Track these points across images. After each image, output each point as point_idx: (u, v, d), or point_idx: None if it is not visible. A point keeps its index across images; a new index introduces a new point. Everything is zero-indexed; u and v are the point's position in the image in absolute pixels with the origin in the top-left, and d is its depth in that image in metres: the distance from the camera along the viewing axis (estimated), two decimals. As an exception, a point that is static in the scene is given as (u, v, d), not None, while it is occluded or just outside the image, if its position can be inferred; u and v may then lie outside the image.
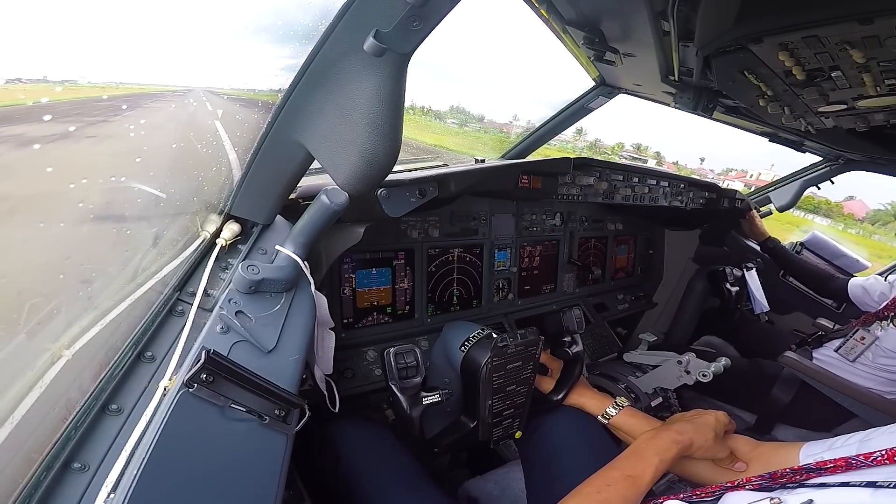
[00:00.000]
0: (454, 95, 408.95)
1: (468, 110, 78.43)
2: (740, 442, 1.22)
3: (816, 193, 3.51)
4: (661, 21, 1.31)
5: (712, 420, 1.20)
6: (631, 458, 1.08)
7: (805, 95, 1.44)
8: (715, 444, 1.15)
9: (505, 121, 26.71)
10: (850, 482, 0.63)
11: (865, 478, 0.62)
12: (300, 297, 1.02)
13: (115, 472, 0.72)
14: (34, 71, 0.77)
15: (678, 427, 1.16)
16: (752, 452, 1.18)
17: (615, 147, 76.47)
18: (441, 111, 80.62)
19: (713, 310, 2.96)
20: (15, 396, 0.75)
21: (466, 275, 2.14)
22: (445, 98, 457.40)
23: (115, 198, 0.94)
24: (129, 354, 0.85)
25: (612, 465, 1.07)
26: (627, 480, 0.99)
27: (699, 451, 1.13)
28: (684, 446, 1.10)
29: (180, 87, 1.16)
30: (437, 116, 61.44)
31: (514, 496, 1.55)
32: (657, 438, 1.12)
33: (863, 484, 0.61)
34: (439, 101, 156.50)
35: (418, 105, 56.85)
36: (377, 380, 1.75)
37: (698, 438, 1.13)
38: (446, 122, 57.83)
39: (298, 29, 0.86)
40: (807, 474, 0.72)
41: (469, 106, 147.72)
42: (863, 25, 0.99)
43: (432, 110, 69.05)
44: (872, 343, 2.16)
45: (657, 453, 1.07)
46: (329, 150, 0.90)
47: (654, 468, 1.03)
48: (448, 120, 59.49)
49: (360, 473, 1.26)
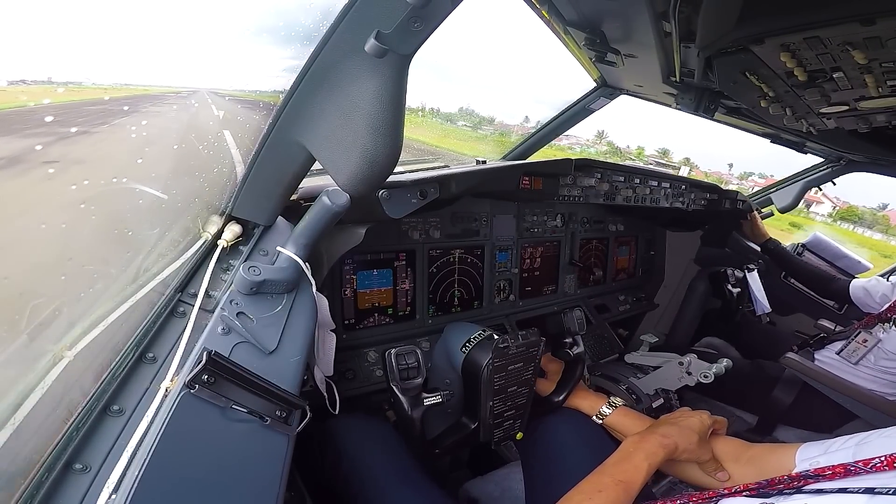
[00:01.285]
0: (461, 97, 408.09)
1: (478, 112, 77.72)
2: (733, 444, 1.22)
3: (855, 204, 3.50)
4: (663, 22, 1.31)
5: (696, 423, 1.21)
6: (621, 463, 1.09)
7: (807, 96, 1.44)
8: (699, 447, 1.16)
9: (515, 122, 25.96)
10: (848, 488, 0.63)
11: (863, 484, 0.62)
12: (301, 298, 1.02)
13: (117, 473, 0.72)
14: (36, 73, 0.77)
15: (663, 430, 1.17)
16: (745, 454, 1.18)
17: (637, 152, 74.62)
18: (451, 113, 79.43)
19: (714, 311, 2.96)
20: (17, 397, 0.75)
21: (467, 276, 2.14)
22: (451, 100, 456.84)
23: (116, 199, 0.94)
24: (130, 355, 0.85)
25: (602, 471, 1.07)
26: (619, 486, 1.00)
27: (683, 455, 1.14)
28: (670, 450, 1.12)
29: (182, 88, 1.16)
30: (448, 119, 60.89)
31: (514, 497, 1.55)
32: (644, 442, 1.13)
33: (860, 490, 0.60)
34: (447, 103, 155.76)
35: (428, 107, 56.33)
36: (378, 381, 1.75)
37: (682, 442, 1.14)
38: (458, 124, 57.41)
39: (300, 30, 0.86)
40: (804, 480, 0.71)
41: (477, 108, 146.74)
42: (864, 26, 0.99)
43: (441, 112, 68.40)
44: (875, 345, 2.16)
45: (646, 458, 1.08)
46: (330, 151, 0.90)
47: (645, 473, 1.04)
48: (459, 122, 59.01)
49: (362, 472, 1.26)
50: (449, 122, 56.13)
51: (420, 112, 36.21)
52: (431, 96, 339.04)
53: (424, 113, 44.16)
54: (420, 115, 33.33)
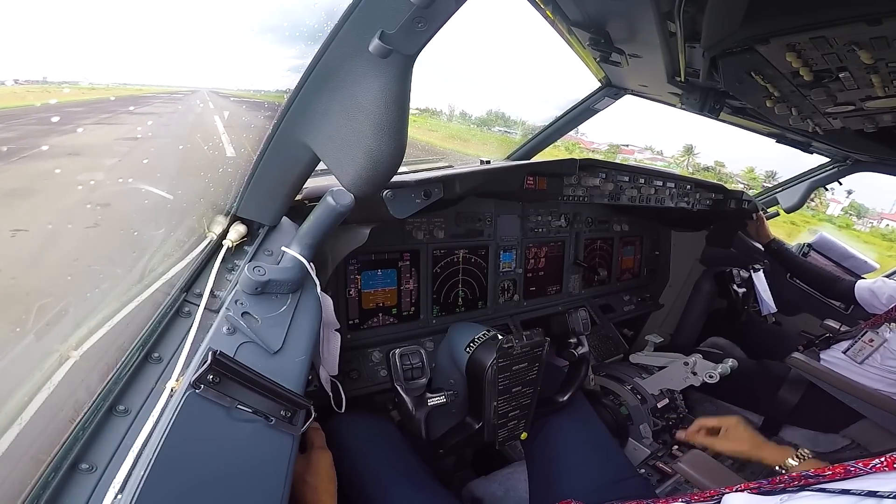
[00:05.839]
0: (488, 100, 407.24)
1: (507, 115, 75.12)
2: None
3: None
4: (668, 22, 1.30)
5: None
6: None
7: (812, 96, 1.43)
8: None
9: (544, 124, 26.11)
10: (851, 490, 0.63)
11: (866, 486, 0.62)
12: (306, 298, 1.02)
13: (123, 472, 0.72)
14: (40, 73, 0.78)
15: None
16: None
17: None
18: (483, 117, 76.73)
19: (720, 311, 2.95)
20: (23, 397, 0.76)
21: (472, 276, 2.14)
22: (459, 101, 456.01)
23: (122, 199, 0.95)
24: (136, 355, 0.86)
25: None
26: None
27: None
28: None
29: (187, 88, 1.17)
30: (484, 124, 59.29)
31: (518, 497, 1.55)
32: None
33: (863, 492, 0.60)
34: (475, 106, 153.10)
35: (457, 111, 55.12)
36: (383, 381, 1.76)
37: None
38: (493, 129, 55.97)
39: (304, 30, 0.86)
40: (804, 480, 0.71)
41: (505, 110, 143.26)
42: (871, 26, 0.99)
43: (474, 118, 66.39)
44: (881, 345, 2.15)
45: None
46: (335, 151, 0.90)
47: None
48: (495, 128, 57.46)
49: (365, 471, 1.26)
50: (484, 128, 54.83)
51: (443, 115, 35.61)
52: (458, 100, 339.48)
53: (453, 117, 43.34)
54: (443, 119, 32.77)
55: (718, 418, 1.57)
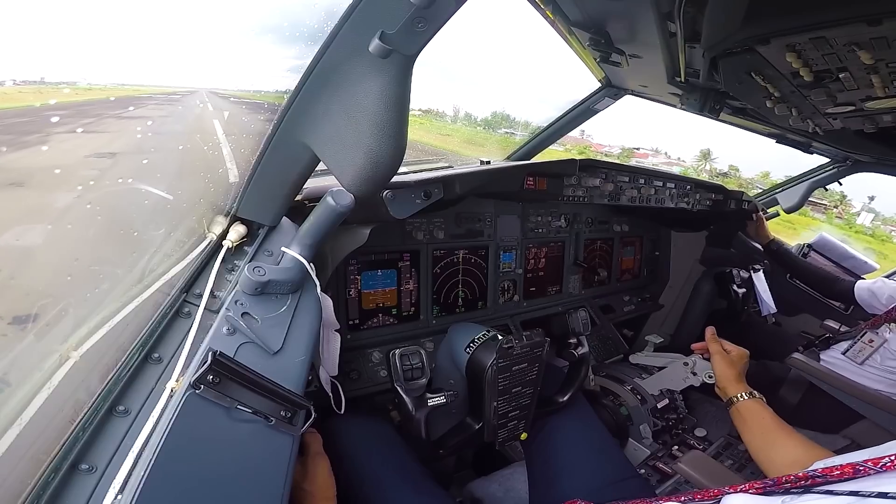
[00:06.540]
0: (491, 101, 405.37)
1: (512, 116, 73.63)
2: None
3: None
4: (668, 22, 1.30)
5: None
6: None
7: (813, 97, 1.43)
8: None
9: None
10: (860, 491, 0.62)
11: (877, 488, 0.60)
12: (306, 298, 1.02)
13: (123, 473, 0.72)
14: (41, 74, 0.78)
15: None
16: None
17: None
18: (489, 119, 75.28)
19: (720, 311, 2.95)
20: (24, 398, 0.76)
21: (472, 276, 2.14)
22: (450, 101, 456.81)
23: (122, 200, 0.95)
24: (136, 356, 0.86)
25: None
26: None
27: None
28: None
29: (187, 88, 1.16)
30: (489, 125, 58.23)
31: (517, 497, 1.55)
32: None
33: (874, 494, 0.59)
34: (478, 108, 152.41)
35: (461, 113, 54.37)
36: (383, 381, 1.76)
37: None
38: (499, 131, 55.09)
39: (304, 30, 0.86)
40: (812, 480, 0.70)
41: (510, 111, 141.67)
42: (871, 27, 0.99)
43: (473, 117, 65.00)
44: (881, 346, 2.15)
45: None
46: (334, 151, 0.90)
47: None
48: (500, 129, 56.63)
49: (364, 473, 1.26)
50: (492, 130, 53.95)
51: (445, 116, 35.22)
52: (461, 101, 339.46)
53: (458, 119, 42.73)
54: (449, 121, 32.43)
55: (736, 347, 1.71)
